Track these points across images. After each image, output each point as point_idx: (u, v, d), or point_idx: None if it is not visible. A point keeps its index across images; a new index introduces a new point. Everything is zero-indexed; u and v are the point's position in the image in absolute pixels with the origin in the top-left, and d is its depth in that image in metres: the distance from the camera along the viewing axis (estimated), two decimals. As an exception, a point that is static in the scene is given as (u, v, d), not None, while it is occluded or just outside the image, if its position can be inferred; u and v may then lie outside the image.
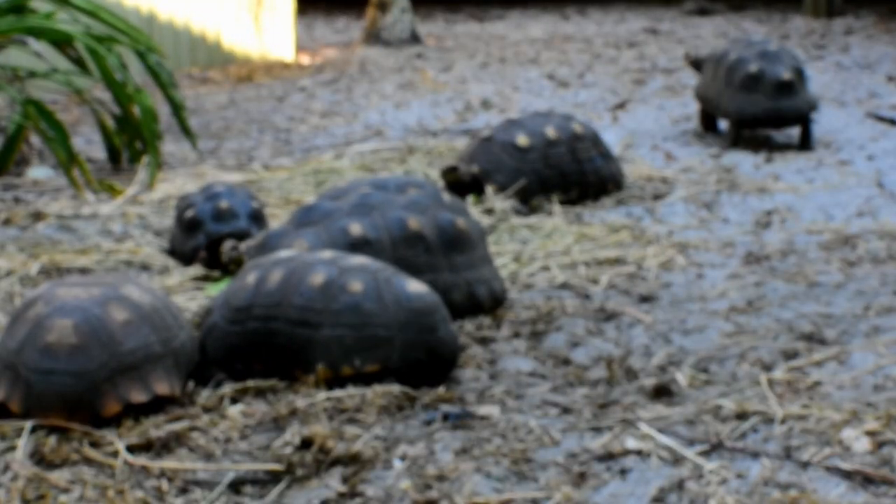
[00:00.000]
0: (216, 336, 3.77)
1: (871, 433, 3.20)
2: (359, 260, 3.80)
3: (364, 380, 3.62)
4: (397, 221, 4.31)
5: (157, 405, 3.46)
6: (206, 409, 3.49)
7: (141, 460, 3.13)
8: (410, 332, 3.66)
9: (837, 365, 3.79)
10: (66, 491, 2.97)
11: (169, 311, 3.59)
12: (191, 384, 3.67)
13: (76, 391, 3.28)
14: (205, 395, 3.58)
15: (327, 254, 3.83)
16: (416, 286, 3.74)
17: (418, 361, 3.67)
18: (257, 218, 5.08)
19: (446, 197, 4.53)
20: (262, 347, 3.70)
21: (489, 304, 4.40)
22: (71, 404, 3.28)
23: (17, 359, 3.33)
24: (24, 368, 3.30)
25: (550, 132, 6.09)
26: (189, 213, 5.05)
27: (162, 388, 3.42)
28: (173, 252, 5.18)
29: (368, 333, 3.64)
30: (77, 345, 3.31)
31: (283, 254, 3.90)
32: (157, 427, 3.30)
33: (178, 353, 3.52)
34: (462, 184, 6.05)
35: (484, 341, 4.15)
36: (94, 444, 3.20)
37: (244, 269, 3.91)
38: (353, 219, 4.32)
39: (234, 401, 3.57)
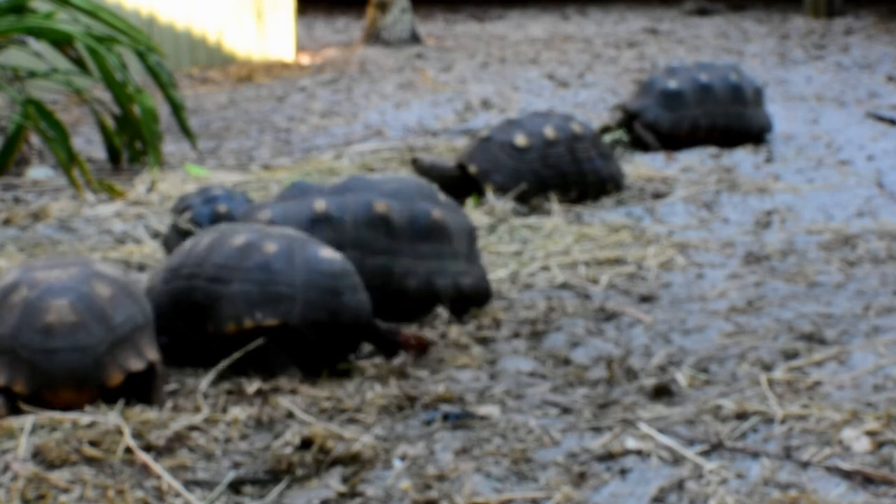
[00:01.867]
0: (152, 297, 3.92)
1: (871, 433, 3.19)
2: (286, 230, 4.01)
3: (269, 336, 3.76)
4: (365, 203, 4.32)
5: (149, 400, 3.48)
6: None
7: (141, 460, 3.13)
8: (313, 292, 3.82)
9: (837, 365, 3.79)
10: (66, 491, 2.97)
11: (134, 284, 3.73)
12: (191, 382, 3.68)
13: (83, 366, 3.40)
14: (204, 395, 3.59)
15: (262, 226, 4.04)
16: (328, 252, 3.91)
17: (319, 322, 3.80)
18: None
19: (441, 197, 4.51)
20: (184, 305, 3.89)
21: (449, 296, 4.35)
22: (79, 379, 3.39)
23: (15, 343, 3.41)
24: (25, 350, 3.39)
25: (549, 132, 6.09)
26: (185, 216, 5.03)
27: (152, 354, 3.54)
28: (170, 253, 5.17)
29: (272, 290, 3.81)
30: (76, 322, 3.42)
31: (227, 225, 4.13)
32: (157, 427, 3.30)
33: (152, 322, 3.66)
34: (460, 184, 6.05)
35: (484, 341, 4.15)
36: (94, 444, 3.20)
37: (192, 237, 4.13)
38: (323, 196, 4.36)
39: (234, 401, 3.57)
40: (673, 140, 7.37)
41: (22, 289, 3.48)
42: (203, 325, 3.85)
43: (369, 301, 3.94)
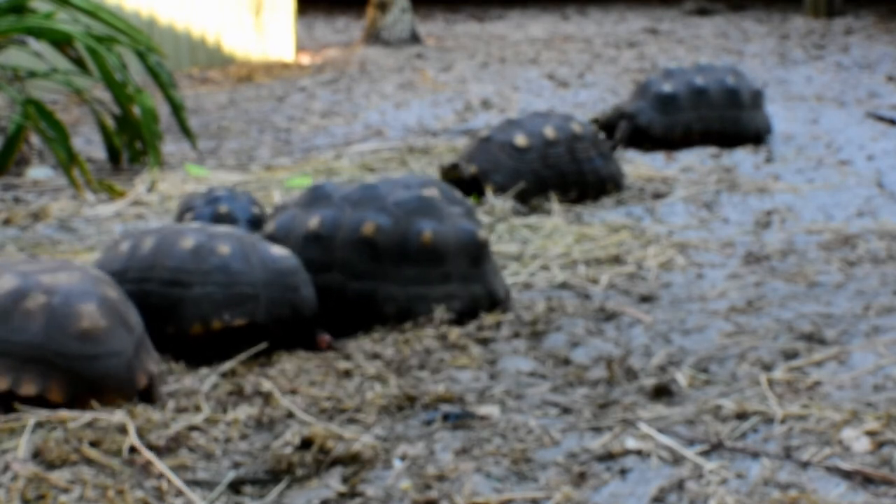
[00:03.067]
0: None
1: (871, 433, 3.19)
2: (225, 228, 4.13)
3: (234, 335, 3.88)
4: (355, 223, 4.29)
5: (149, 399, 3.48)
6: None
7: (141, 460, 3.13)
8: (275, 290, 3.97)
9: (837, 365, 3.79)
10: (66, 491, 2.97)
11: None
12: (188, 383, 3.68)
13: (119, 371, 3.41)
14: (204, 395, 3.59)
15: (195, 224, 4.16)
16: (278, 250, 4.06)
17: (282, 318, 3.96)
18: (257, 224, 5.07)
19: (456, 209, 4.44)
20: (137, 308, 3.86)
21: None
22: (118, 385, 3.40)
23: (46, 350, 3.36)
24: (59, 358, 3.36)
25: (549, 132, 6.09)
26: (188, 216, 5.05)
27: (156, 356, 3.57)
28: None
29: (236, 291, 3.92)
30: (109, 326, 3.43)
31: (153, 227, 4.24)
32: (158, 428, 3.30)
33: None
34: (461, 184, 6.05)
35: (484, 341, 4.15)
36: (94, 444, 3.20)
37: (116, 240, 4.19)
38: (327, 209, 4.34)
39: (234, 401, 3.58)
40: (667, 144, 7.38)
41: (36, 295, 3.42)
42: (161, 328, 3.90)
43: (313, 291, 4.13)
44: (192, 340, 3.90)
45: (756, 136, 7.54)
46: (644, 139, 7.38)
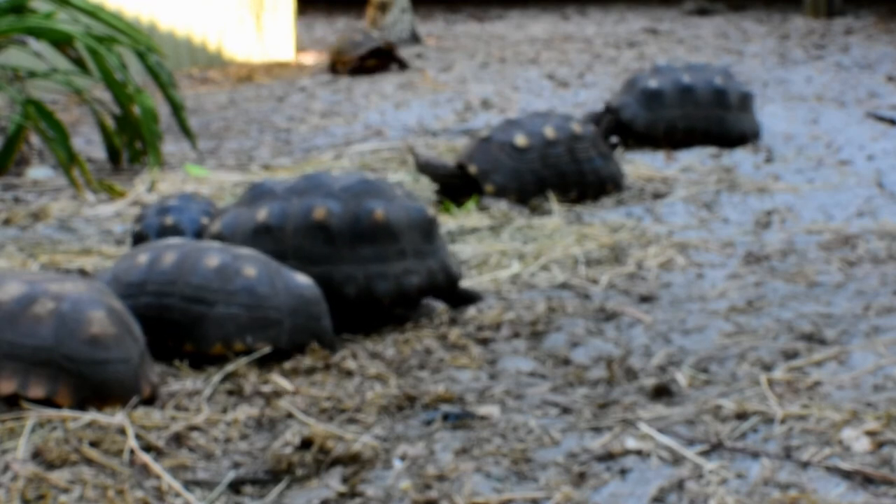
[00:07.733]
0: None
1: (871, 433, 3.19)
2: (248, 251, 4.04)
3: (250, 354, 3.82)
4: (305, 210, 4.29)
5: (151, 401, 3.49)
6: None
7: (141, 460, 3.13)
8: (299, 317, 3.91)
9: (837, 365, 3.79)
10: (66, 491, 2.97)
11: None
12: (189, 383, 3.68)
13: (127, 378, 3.43)
14: (205, 395, 3.59)
15: (217, 244, 4.07)
16: (302, 278, 4.00)
17: (303, 347, 3.89)
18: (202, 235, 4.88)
19: (398, 190, 4.44)
20: (154, 321, 3.87)
21: (391, 298, 4.31)
22: (124, 391, 3.42)
23: (55, 354, 3.38)
24: (69, 362, 3.38)
25: (549, 132, 6.09)
26: (137, 227, 4.93)
27: (154, 368, 3.56)
28: None
29: (261, 314, 3.87)
30: (117, 334, 3.45)
31: (173, 241, 4.13)
32: (158, 428, 3.30)
33: None
34: (459, 184, 6.05)
35: (484, 341, 4.15)
36: (94, 444, 3.20)
37: (134, 251, 4.11)
38: (272, 202, 4.33)
39: (234, 401, 3.58)
40: (649, 140, 7.34)
41: (45, 301, 3.44)
42: (178, 344, 3.87)
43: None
44: (209, 359, 3.84)
45: (741, 138, 7.48)
46: (628, 134, 7.34)
